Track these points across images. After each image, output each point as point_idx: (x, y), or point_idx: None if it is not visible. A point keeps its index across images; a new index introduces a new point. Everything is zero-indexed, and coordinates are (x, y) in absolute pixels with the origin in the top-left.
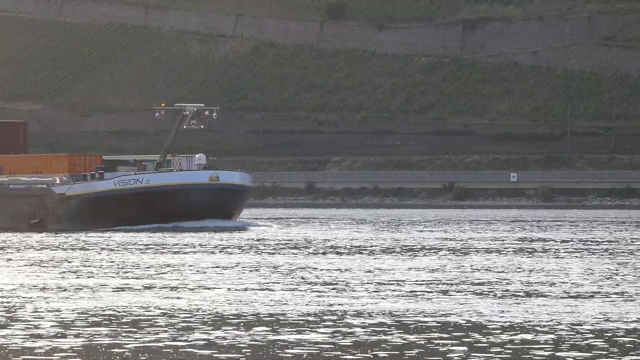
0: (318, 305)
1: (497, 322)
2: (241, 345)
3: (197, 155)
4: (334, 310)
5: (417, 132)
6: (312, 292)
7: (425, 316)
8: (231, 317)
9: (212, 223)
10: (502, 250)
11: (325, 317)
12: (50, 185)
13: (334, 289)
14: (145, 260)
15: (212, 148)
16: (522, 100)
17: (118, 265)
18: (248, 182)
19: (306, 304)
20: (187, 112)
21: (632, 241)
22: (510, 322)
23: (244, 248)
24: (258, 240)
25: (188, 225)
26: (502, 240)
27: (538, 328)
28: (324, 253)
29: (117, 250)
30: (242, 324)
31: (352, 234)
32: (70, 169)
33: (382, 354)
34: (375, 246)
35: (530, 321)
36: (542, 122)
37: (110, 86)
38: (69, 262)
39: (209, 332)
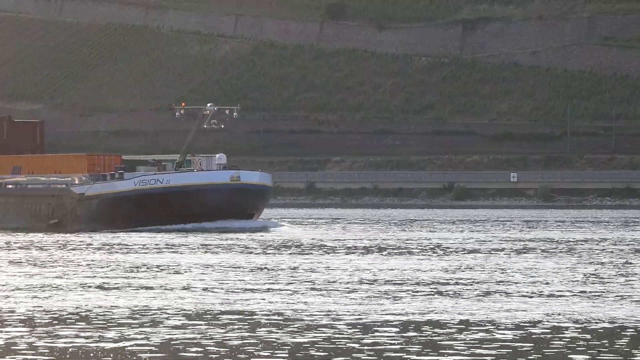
0: (289, 304)
1: (453, 320)
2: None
3: (217, 155)
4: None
5: (417, 132)
6: (299, 293)
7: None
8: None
9: (233, 224)
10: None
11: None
12: (69, 185)
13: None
14: (130, 260)
15: (212, 148)
16: (522, 100)
17: (96, 264)
18: (269, 182)
19: (271, 303)
20: (208, 112)
21: (602, 241)
22: (463, 320)
23: (251, 249)
24: (277, 240)
25: (209, 225)
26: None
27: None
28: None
29: (109, 251)
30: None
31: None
32: (90, 168)
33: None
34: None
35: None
36: (542, 122)
37: (110, 86)
38: (45, 261)
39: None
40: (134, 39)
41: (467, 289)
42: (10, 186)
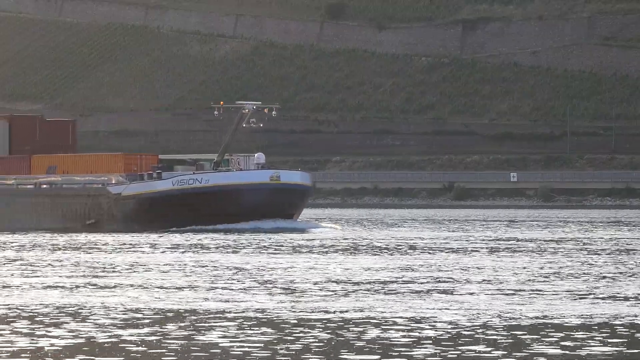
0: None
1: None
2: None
3: (255, 155)
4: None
5: (417, 132)
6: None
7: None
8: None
9: (273, 224)
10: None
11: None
12: (106, 185)
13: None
14: (119, 259)
15: (211, 148)
16: (522, 100)
17: (77, 264)
18: (309, 181)
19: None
20: (246, 110)
21: (588, 241)
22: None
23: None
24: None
25: (248, 226)
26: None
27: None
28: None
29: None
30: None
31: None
32: (126, 168)
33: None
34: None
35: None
36: (542, 122)
37: (110, 86)
38: (26, 261)
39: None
40: (134, 39)
41: (404, 288)
42: (44, 186)
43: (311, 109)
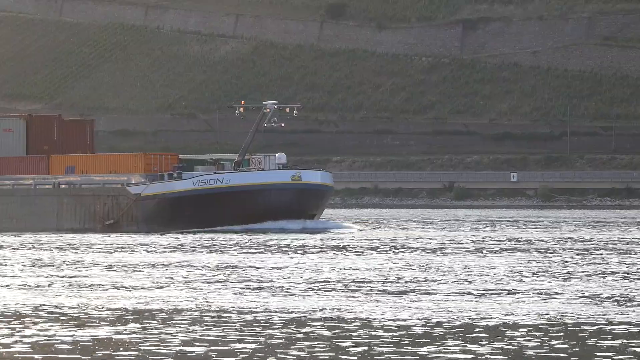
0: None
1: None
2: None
3: (277, 154)
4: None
5: (417, 132)
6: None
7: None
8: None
9: (295, 224)
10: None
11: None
12: (125, 185)
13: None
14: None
15: (212, 148)
16: (522, 100)
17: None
18: (330, 181)
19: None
20: (268, 110)
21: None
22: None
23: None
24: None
25: (269, 226)
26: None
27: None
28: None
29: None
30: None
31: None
32: (146, 168)
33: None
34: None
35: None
36: (542, 122)
37: (110, 86)
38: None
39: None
40: (134, 39)
41: (375, 287)
42: (63, 186)
43: (311, 109)
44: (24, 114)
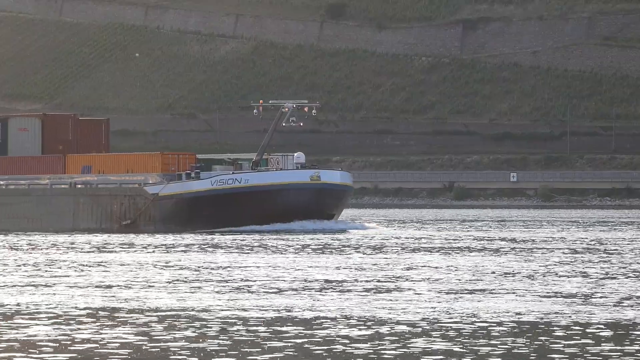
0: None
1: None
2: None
3: (295, 154)
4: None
5: (417, 132)
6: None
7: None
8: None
9: (314, 225)
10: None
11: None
12: (143, 185)
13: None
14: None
15: (212, 148)
16: (522, 100)
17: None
18: (349, 181)
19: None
20: (286, 109)
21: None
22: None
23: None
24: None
25: (288, 227)
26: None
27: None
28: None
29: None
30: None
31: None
32: (164, 168)
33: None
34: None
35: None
36: (542, 122)
37: (110, 86)
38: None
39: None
40: (134, 39)
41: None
42: (80, 186)
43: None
44: (39, 113)
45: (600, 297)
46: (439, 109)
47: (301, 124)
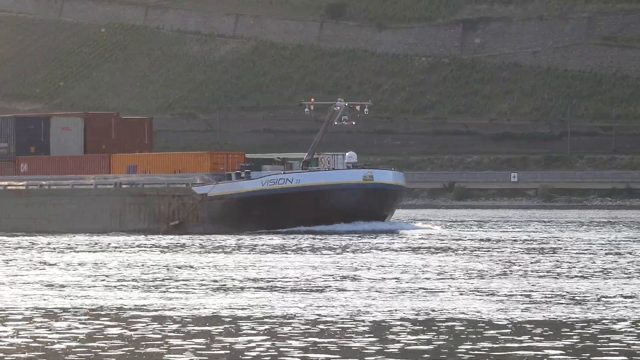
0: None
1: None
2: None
3: (347, 153)
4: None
5: (417, 132)
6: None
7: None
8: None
9: (366, 226)
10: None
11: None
12: (191, 185)
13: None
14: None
15: (212, 148)
16: (522, 100)
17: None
18: (403, 181)
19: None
20: (338, 108)
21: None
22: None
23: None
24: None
25: (342, 228)
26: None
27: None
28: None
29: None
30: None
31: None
32: (212, 167)
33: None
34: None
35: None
36: (542, 122)
37: (110, 86)
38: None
39: None
40: (134, 39)
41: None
42: (125, 186)
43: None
44: (82, 112)
45: None
46: (439, 109)
47: (353, 123)
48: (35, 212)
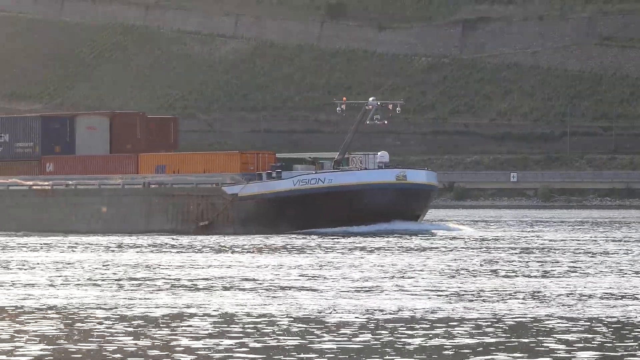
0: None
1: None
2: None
3: (379, 153)
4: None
5: (417, 132)
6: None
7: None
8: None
9: (399, 226)
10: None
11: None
12: (221, 185)
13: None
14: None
15: (212, 148)
16: (522, 100)
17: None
18: (435, 181)
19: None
20: (370, 107)
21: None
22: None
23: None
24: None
25: (373, 228)
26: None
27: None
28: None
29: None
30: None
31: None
32: (242, 167)
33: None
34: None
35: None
36: (542, 122)
37: (110, 86)
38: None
39: None
40: (134, 39)
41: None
42: (153, 186)
43: (311, 109)
44: (108, 111)
45: None
46: (439, 109)
47: (385, 122)
48: (61, 212)
